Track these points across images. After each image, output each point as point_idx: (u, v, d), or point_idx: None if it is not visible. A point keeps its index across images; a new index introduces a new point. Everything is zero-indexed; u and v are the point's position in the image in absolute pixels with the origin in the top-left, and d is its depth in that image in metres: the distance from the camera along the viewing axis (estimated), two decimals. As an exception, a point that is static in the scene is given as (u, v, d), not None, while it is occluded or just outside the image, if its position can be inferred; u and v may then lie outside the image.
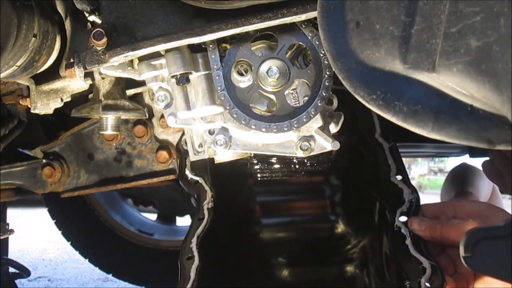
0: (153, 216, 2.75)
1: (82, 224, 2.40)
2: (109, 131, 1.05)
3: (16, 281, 2.02)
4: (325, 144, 0.82)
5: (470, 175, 1.35)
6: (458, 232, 0.87)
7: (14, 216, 2.50)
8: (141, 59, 0.80)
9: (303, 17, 0.71)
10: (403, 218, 0.94)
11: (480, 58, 0.48)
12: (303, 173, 1.20)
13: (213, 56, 0.79)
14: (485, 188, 1.37)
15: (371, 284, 1.13)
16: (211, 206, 1.04)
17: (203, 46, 0.80)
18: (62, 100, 0.99)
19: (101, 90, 1.03)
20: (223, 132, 0.84)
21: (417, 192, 1.01)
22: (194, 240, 0.96)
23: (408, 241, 0.90)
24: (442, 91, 0.53)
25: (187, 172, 1.10)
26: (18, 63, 0.86)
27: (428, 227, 0.90)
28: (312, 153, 0.82)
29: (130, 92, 1.13)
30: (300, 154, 0.82)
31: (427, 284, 0.81)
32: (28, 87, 1.02)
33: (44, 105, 0.99)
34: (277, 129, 0.79)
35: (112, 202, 2.47)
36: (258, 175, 1.22)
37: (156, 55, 0.80)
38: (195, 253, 0.93)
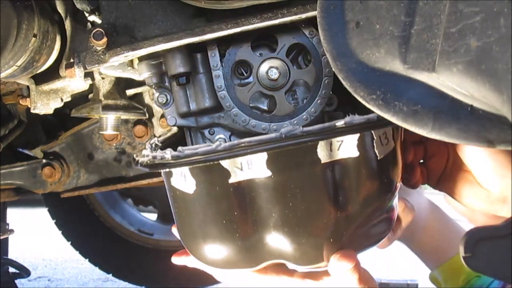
0: (153, 216, 2.75)
1: (82, 224, 2.40)
2: (109, 131, 1.05)
3: (16, 281, 2.02)
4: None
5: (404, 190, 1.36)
6: None
7: (14, 216, 2.50)
8: (141, 59, 0.80)
9: (303, 17, 0.71)
10: None
11: (480, 58, 0.48)
12: None
13: (213, 56, 0.79)
14: (421, 203, 1.37)
15: None
16: None
17: (203, 46, 0.80)
18: (62, 100, 0.99)
19: (101, 90, 1.03)
20: (223, 132, 0.84)
21: None
22: None
23: None
24: (442, 91, 0.53)
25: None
26: (18, 63, 0.86)
27: None
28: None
29: (130, 92, 1.13)
30: (300, 154, 0.82)
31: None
32: (28, 87, 1.02)
33: (44, 105, 0.99)
34: (277, 129, 0.79)
35: (112, 202, 2.47)
36: None
37: (156, 55, 0.80)
38: None
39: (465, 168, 0.79)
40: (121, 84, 1.06)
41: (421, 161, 0.85)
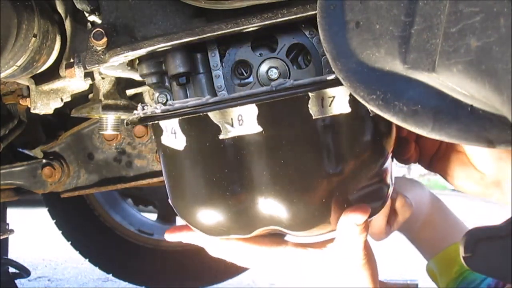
0: (153, 216, 2.75)
1: (82, 224, 2.40)
2: (109, 131, 1.05)
3: (16, 281, 2.02)
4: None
5: (407, 185, 1.36)
6: None
7: (14, 216, 2.50)
8: (141, 59, 0.80)
9: (303, 17, 0.71)
10: None
11: (480, 58, 0.48)
12: None
13: (213, 56, 0.79)
14: (423, 197, 1.37)
15: None
16: None
17: (204, 46, 0.80)
18: (62, 100, 0.99)
19: (101, 90, 1.03)
20: (223, 132, 0.84)
21: None
22: None
23: None
24: (442, 91, 0.53)
25: None
26: (18, 63, 0.86)
27: None
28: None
29: (130, 92, 1.13)
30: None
31: None
32: (28, 87, 1.02)
33: (44, 105, 0.99)
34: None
35: (112, 202, 2.47)
36: None
37: (156, 55, 0.80)
38: None
39: (460, 149, 0.78)
40: (121, 84, 1.06)
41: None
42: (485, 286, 1.25)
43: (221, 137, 0.67)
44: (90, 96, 1.07)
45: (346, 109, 0.66)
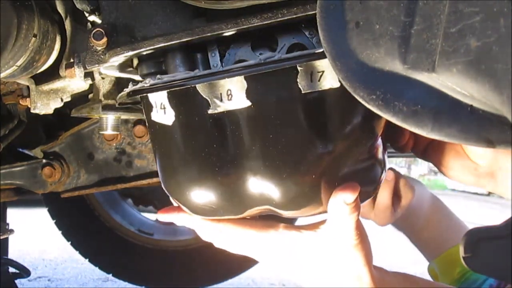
0: (153, 216, 2.75)
1: (82, 224, 2.40)
2: (109, 131, 1.05)
3: (16, 281, 2.02)
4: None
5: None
6: None
7: (14, 216, 2.50)
8: (141, 59, 0.80)
9: (303, 17, 0.71)
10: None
11: (480, 58, 0.48)
12: None
13: (213, 56, 0.79)
14: (424, 195, 1.37)
15: None
16: None
17: (204, 46, 0.80)
18: (62, 100, 0.99)
19: (101, 90, 1.03)
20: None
21: None
22: None
23: None
24: (442, 91, 0.53)
25: None
26: (18, 63, 0.86)
27: None
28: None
29: (130, 92, 1.13)
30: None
31: None
32: (28, 87, 1.02)
33: (44, 105, 0.99)
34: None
35: (112, 202, 2.47)
36: None
37: (156, 55, 0.80)
38: None
39: None
40: (121, 84, 1.06)
41: None
42: (487, 286, 1.25)
43: (210, 111, 0.67)
44: (90, 96, 1.07)
45: (335, 83, 0.65)
